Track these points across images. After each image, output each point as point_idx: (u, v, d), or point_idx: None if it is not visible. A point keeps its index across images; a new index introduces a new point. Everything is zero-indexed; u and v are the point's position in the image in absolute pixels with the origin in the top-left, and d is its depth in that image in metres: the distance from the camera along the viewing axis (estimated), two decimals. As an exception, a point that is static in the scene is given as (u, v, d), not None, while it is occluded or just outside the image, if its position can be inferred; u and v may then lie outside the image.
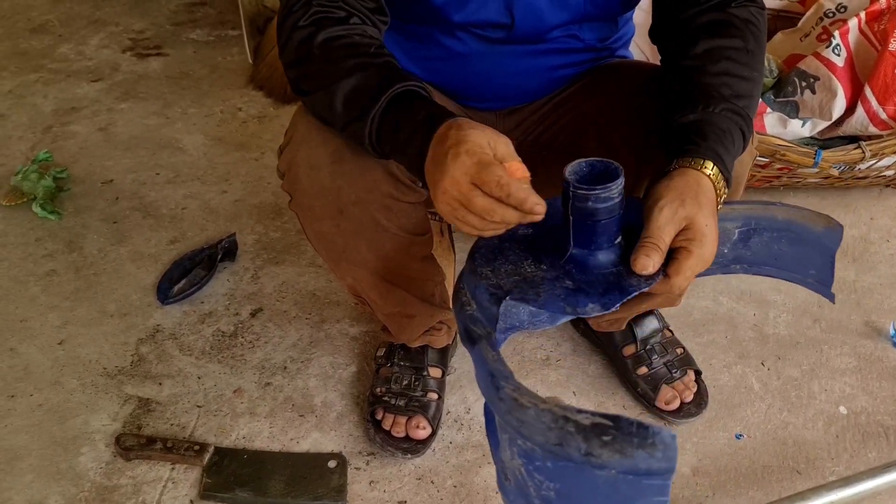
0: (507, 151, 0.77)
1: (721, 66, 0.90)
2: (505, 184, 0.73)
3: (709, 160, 0.83)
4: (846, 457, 1.23)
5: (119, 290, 1.55)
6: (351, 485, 1.18)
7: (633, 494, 0.65)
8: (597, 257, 0.80)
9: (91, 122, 2.10)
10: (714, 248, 0.81)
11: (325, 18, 0.91)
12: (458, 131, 0.78)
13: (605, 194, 0.76)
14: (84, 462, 1.21)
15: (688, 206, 0.80)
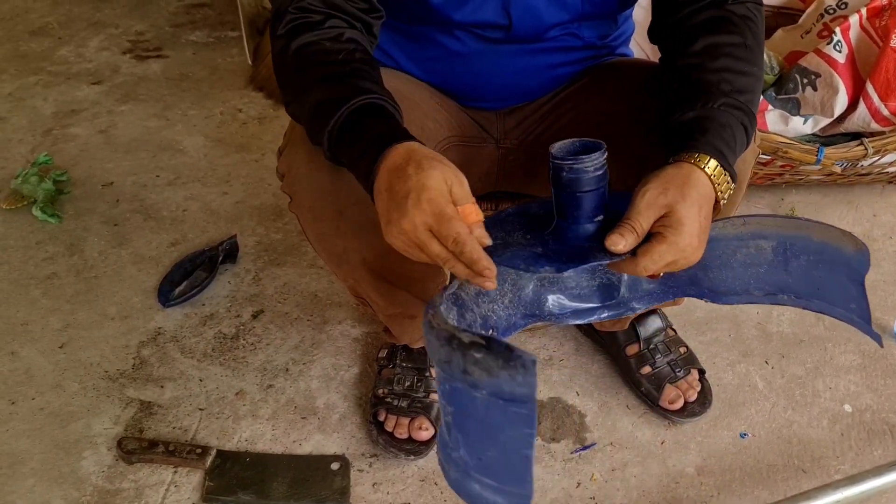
0: (462, 193, 0.77)
1: (720, 63, 0.90)
2: (461, 241, 0.75)
3: (706, 154, 0.83)
4: (851, 455, 1.22)
5: (120, 292, 1.54)
6: (354, 487, 1.18)
7: (503, 422, 0.69)
8: (576, 231, 0.83)
9: (91, 125, 2.10)
10: (694, 241, 0.80)
11: (300, 25, 0.92)
12: (417, 171, 0.76)
13: (578, 165, 0.80)
14: (86, 466, 1.21)
15: (670, 195, 0.80)
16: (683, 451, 1.23)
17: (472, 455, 0.74)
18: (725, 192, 0.84)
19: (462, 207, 0.77)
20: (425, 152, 0.79)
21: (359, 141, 0.84)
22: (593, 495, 1.16)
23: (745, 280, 0.91)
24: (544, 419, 1.28)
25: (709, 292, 0.93)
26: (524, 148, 1.17)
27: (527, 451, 0.70)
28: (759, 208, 1.78)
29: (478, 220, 0.78)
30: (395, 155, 0.79)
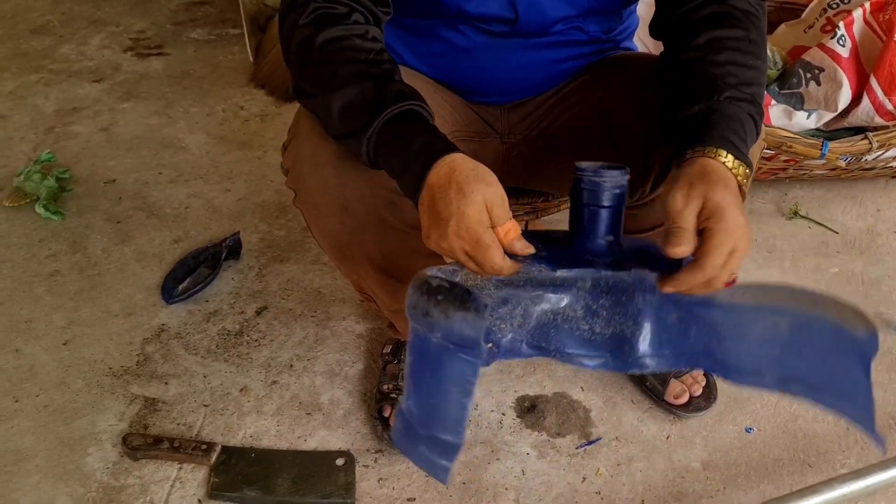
0: (502, 213, 0.80)
1: (724, 56, 0.89)
2: (498, 269, 0.79)
3: (721, 148, 0.82)
4: (857, 449, 1.22)
5: (123, 289, 1.54)
6: (359, 482, 1.18)
7: (450, 368, 0.78)
8: (584, 244, 0.85)
9: (93, 123, 2.10)
10: (740, 221, 0.78)
11: (325, 15, 0.91)
12: (458, 196, 0.79)
13: (598, 178, 0.83)
14: (91, 462, 1.21)
15: (698, 188, 0.79)
16: (689, 446, 1.22)
17: (417, 403, 0.81)
18: (745, 180, 0.83)
19: (501, 228, 0.80)
20: (467, 171, 0.80)
21: (401, 152, 0.85)
22: (599, 490, 1.16)
23: (759, 358, 0.87)
24: (549, 414, 1.28)
25: (721, 366, 0.89)
26: (528, 143, 1.16)
27: (465, 399, 0.78)
28: (762, 203, 1.78)
29: (517, 236, 0.81)
30: (439, 172, 0.81)
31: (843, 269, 1.59)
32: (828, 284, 1.55)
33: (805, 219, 1.73)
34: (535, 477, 1.18)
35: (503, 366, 1.36)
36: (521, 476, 1.18)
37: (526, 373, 1.35)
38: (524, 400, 1.30)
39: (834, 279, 1.56)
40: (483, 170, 0.81)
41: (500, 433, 1.25)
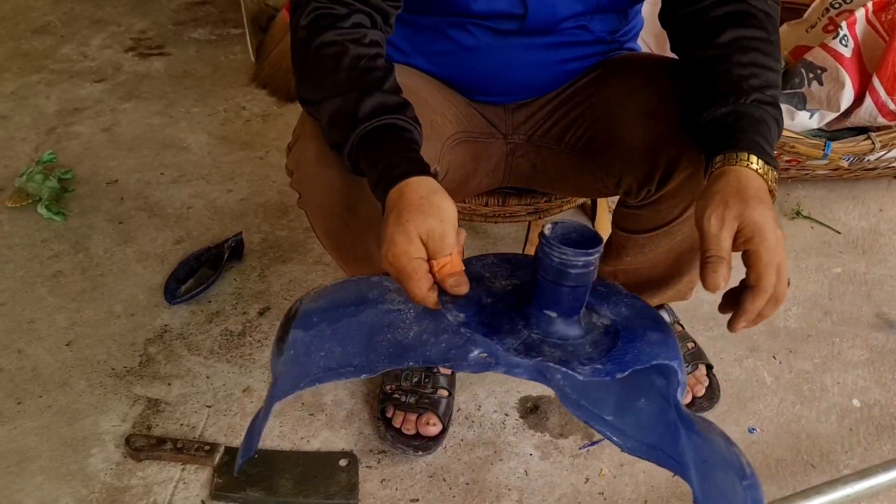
0: (439, 248, 0.78)
1: (749, 57, 0.89)
2: (420, 300, 0.79)
3: (752, 154, 0.81)
4: (860, 450, 1.22)
5: (126, 290, 1.54)
6: (362, 483, 1.18)
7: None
8: (542, 320, 0.78)
9: (95, 123, 2.09)
10: (780, 234, 0.78)
11: (323, 16, 0.91)
12: (395, 222, 0.79)
13: (566, 258, 0.74)
14: (94, 463, 1.21)
15: (734, 206, 0.77)
16: (692, 447, 1.22)
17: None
18: (774, 184, 0.83)
19: (435, 261, 0.79)
20: (412, 199, 0.79)
21: (371, 170, 0.86)
22: (602, 490, 1.16)
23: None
24: (552, 415, 1.28)
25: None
26: (532, 143, 1.16)
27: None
28: (764, 203, 1.78)
29: (451, 273, 0.79)
30: (392, 196, 0.81)
31: (845, 269, 1.59)
32: (830, 284, 1.55)
33: (808, 219, 1.73)
34: (539, 478, 1.18)
35: (506, 366, 1.36)
36: (524, 477, 1.18)
37: (529, 373, 1.35)
38: (527, 400, 1.30)
39: (836, 279, 1.56)
40: (432, 200, 0.79)
41: (503, 434, 1.25)
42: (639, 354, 0.75)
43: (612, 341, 0.77)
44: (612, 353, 0.75)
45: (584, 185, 1.17)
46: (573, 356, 0.75)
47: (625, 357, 0.75)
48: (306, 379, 0.84)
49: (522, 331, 0.77)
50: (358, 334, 0.84)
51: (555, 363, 0.74)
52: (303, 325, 0.83)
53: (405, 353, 0.84)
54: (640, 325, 0.80)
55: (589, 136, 1.09)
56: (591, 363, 0.74)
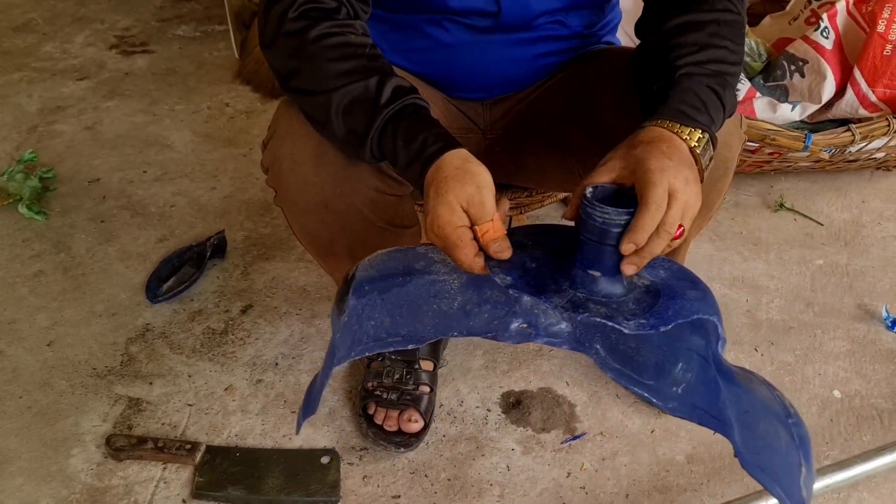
0: (481, 212, 0.79)
1: (690, 38, 0.89)
2: (467, 267, 0.80)
3: (670, 119, 0.82)
4: (841, 441, 1.22)
5: (107, 289, 1.53)
6: (344, 480, 1.17)
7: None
8: (585, 279, 0.80)
9: (77, 121, 2.08)
10: (682, 173, 0.77)
11: (314, 10, 0.90)
12: (435, 195, 0.80)
13: (606, 216, 0.76)
14: (75, 464, 1.20)
15: (637, 148, 0.79)
16: (673, 440, 1.23)
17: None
18: (699, 146, 0.82)
19: (478, 227, 0.80)
20: (448, 171, 0.81)
21: (403, 153, 0.85)
22: (583, 485, 1.16)
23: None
24: (534, 409, 1.28)
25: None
26: (511, 138, 1.16)
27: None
28: (748, 196, 1.78)
29: (495, 238, 0.80)
30: (430, 173, 0.83)
31: (827, 260, 1.59)
32: (813, 276, 1.55)
33: (790, 211, 1.74)
34: (520, 472, 1.18)
35: (488, 361, 1.36)
36: (506, 472, 1.18)
37: (511, 368, 1.35)
38: (509, 395, 1.30)
39: (819, 271, 1.57)
40: (467, 168, 0.81)
41: (485, 429, 1.25)
42: (680, 310, 0.78)
43: (653, 299, 0.79)
44: (654, 309, 0.78)
45: (562, 179, 1.17)
46: (618, 312, 0.77)
47: (667, 312, 0.77)
48: (358, 347, 0.86)
49: (568, 290, 0.80)
50: (406, 304, 0.86)
51: (601, 318, 0.76)
52: (357, 292, 0.85)
53: (449, 324, 0.86)
54: (678, 285, 0.82)
55: (566, 130, 1.09)
56: (635, 318, 0.76)
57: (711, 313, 0.79)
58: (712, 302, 0.81)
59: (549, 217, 1.71)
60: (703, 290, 0.82)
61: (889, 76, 1.65)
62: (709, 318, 0.78)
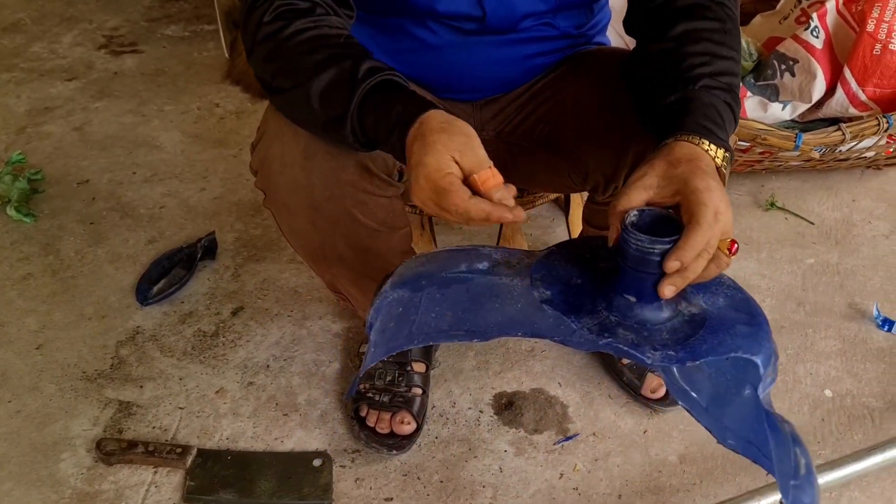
0: (475, 161, 0.77)
1: (700, 47, 0.89)
2: (463, 210, 0.75)
3: (698, 136, 0.80)
4: (832, 440, 1.22)
5: (97, 292, 1.52)
6: (337, 483, 1.17)
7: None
8: (623, 304, 0.78)
9: (65, 122, 2.07)
10: (724, 195, 0.75)
11: (289, 11, 0.89)
12: (421, 147, 0.77)
13: (645, 246, 0.74)
14: (64, 468, 1.19)
15: (678, 167, 0.76)
16: (666, 440, 1.23)
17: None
18: (724, 163, 0.81)
19: (477, 175, 0.76)
20: (433, 124, 0.79)
21: (382, 123, 0.83)
22: (576, 486, 1.16)
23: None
24: (527, 411, 1.27)
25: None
26: (501, 139, 1.16)
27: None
28: (739, 195, 1.78)
29: (496, 184, 0.76)
30: (412, 131, 0.80)
31: (818, 259, 1.60)
32: (804, 275, 1.55)
33: (782, 210, 1.74)
34: (513, 474, 1.18)
35: (480, 362, 1.36)
36: (498, 473, 1.18)
37: (503, 369, 1.35)
38: (501, 397, 1.30)
39: (810, 270, 1.57)
40: (452, 122, 0.79)
41: (477, 430, 1.24)
42: (717, 345, 0.74)
43: (693, 329, 0.76)
44: (689, 342, 0.75)
45: (553, 180, 1.17)
46: (647, 341, 0.75)
47: (701, 346, 0.74)
48: (419, 337, 0.84)
49: (602, 312, 0.78)
50: (468, 300, 0.84)
51: (626, 346, 0.74)
52: (412, 286, 0.84)
53: (513, 324, 0.83)
54: (731, 317, 0.78)
55: (556, 132, 1.09)
56: (663, 349, 0.74)
57: (755, 352, 0.74)
58: (763, 341, 0.76)
59: (541, 217, 1.71)
60: (757, 325, 0.78)
61: (879, 75, 1.65)
62: (749, 358, 0.74)
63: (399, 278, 0.86)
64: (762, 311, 0.79)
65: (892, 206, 1.75)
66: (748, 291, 0.84)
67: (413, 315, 0.83)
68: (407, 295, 0.83)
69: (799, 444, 0.77)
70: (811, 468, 0.75)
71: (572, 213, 1.52)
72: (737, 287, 0.82)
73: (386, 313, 0.85)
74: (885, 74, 1.65)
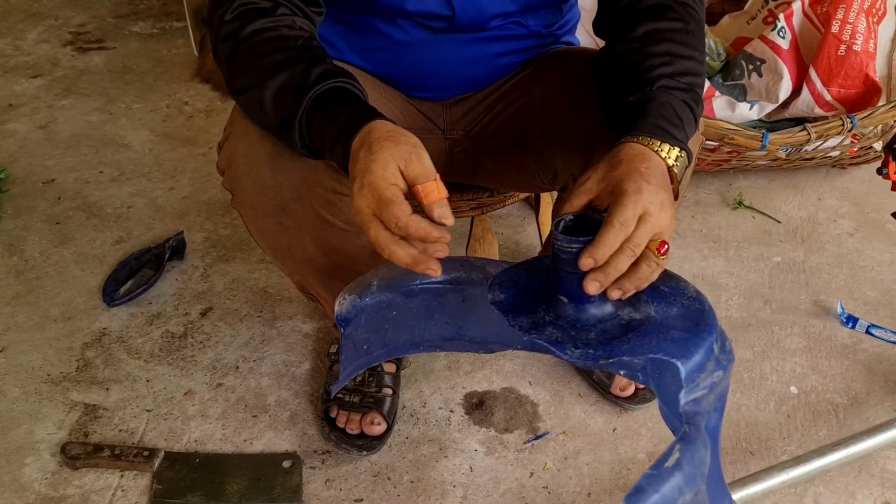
0: (419, 170, 0.75)
1: (661, 48, 0.89)
2: (402, 224, 0.73)
3: (650, 136, 0.81)
4: (797, 436, 1.24)
5: (63, 293, 1.50)
6: (307, 484, 1.16)
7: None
8: (559, 307, 0.79)
9: (30, 120, 2.03)
10: (658, 197, 0.75)
11: (250, 10, 0.89)
12: (366, 154, 0.76)
13: (566, 246, 0.75)
14: (29, 473, 1.17)
15: (617, 168, 0.77)
16: (635, 438, 1.24)
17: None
18: (676, 163, 0.81)
19: (421, 187, 0.75)
20: (380, 133, 0.78)
21: (329, 131, 0.82)
22: (546, 484, 1.17)
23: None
24: (497, 410, 1.28)
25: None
26: (471, 138, 1.16)
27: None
28: (707, 194, 1.80)
29: (439, 199, 0.75)
30: (357, 139, 0.79)
31: (785, 257, 1.62)
32: (770, 273, 1.58)
33: (749, 209, 1.76)
34: (483, 473, 1.18)
35: (451, 362, 1.36)
36: (469, 473, 1.18)
37: (474, 369, 1.35)
38: (472, 396, 1.30)
39: (776, 268, 1.59)
40: (400, 131, 0.78)
41: (448, 430, 1.24)
42: (638, 347, 0.74)
43: (623, 332, 0.77)
44: (612, 342, 0.75)
45: (522, 180, 1.17)
46: (572, 339, 0.76)
47: (621, 346, 0.74)
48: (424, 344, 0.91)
49: (540, 312, 0.79)
50: (465, 310, 0.87)
51: (546, 342, 0.75)
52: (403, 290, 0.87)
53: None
54: (674, 325, 0.77)
55: (525, 131, 1.09)
56: (584, 347, 0.75)
57: (677, 356, 0.73)
58: (693, 348, 0.74)
59: (512, 216, 1.72)
60: (695, 334, 0.76)
61: (843, 76, 1.68)
62: (669, 360, 0.73)
63: (386, 280, 0.86)
64: (714, 324, 0.78)
65: (857, 204, 1.78)
66: (716, 289, 0.83)
67: (411, 321, 0.86)
68: (400, 300, 0.85)
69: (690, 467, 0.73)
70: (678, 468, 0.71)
71: (543, 213, 1.53)
72: (698, 299, 0.81)
73: (376, 314, 0.86)
74: (849, 75, 1.68)
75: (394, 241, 0.75)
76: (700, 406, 0.75)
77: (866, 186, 1.84)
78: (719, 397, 0.79)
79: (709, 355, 0.76)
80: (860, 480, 1.16)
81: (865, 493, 1.15)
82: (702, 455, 0.73)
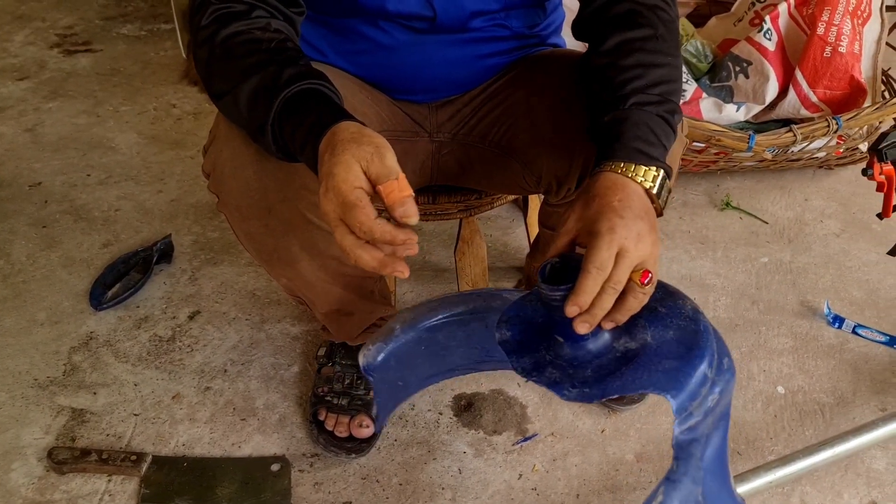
0: (382, 170, 0.74)
1: (632, 59, 0.89)
2: (367, 229, 0.72)
3: (626, 161, 0.81)
4: (784, 436, 1.25)
5: (50, 297, 1.49)
6: (295, 487, 1.16)
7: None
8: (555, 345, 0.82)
9: (17, 123, 2.02)
10: (634, 229, 0.76)
11: (225, 14, 0.89)
12: (330, 157, 0.75)
13: (549, 293, 0.77)
14: (15, 478, 1.17)
15: (591, 206, 0.78)
16: (623, 439, 1.24)
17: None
18: (654, 185, 0.82)
19: (383, 186, 0.73)
20: (344, 135, 0.77)
21: (298, 133, 0.82)
22: (535, 486, 1.17)
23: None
24: (486, 412, 1.28)
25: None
26: (458, 141, 1.16)
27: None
28: (695, 196, 1.81)
29: (401, 197, 0.72)
30: (323, 141, 0.78)
31: (772, 258, 1.63)
32: (758, 274, 1.58)
33: (736, 210, 1.77)
34: (472, 475, 1.18)
35: (440, 364, 1.36)
36: (457, 475, 1.18)
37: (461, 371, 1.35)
38: (461, 398, 1.30)
39: (763, 268, 1.60)
40: (363, 132, 0.77)
41: (436, 433, 1.25)
42: (633, 381, 0.76)
43: (618, 366, 0.78)
44: (609, 378, 0.77)
45: (508, 182, 1.17)
46: (570, 378, 0.78)
47: (615, 383, 0.76)
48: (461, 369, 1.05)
49: (542, 351, 0.81)
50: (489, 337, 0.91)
51: (546, 384, 0.78)
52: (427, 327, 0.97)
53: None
54: (667, 352, 0.78)
55: (511, 133, 1.09)
56: (581, 387, 0.77)
57: (668, 389, 0.74)
58: (683, 378, 0.76)
59: (501, 218, 1.72)
60: (687, 361, 0.77)
61: (829, 77, 1.69)
62: (662, 394, 0.75)
63: (409, 322, 0.94)
64: (707, 347, 0.79)
65: (843, 205, 1.80)
66: (704, 290, 0.84)
67: (442, 351, 0.94)
68: (426, 335, 0.93)
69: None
70: None
71: (531, 215, 1.53)
72: (695, 318, 0.81)
73: (405, 353, 0.92)
74: (834, 76, 1.69)
75: (359, 246, 0.74)
76: (696, 432, 0.77)
77: (852, 187, 1.85)
78: (720, 416, 0.81)
79: (702, 382, 0.77)
80: (847, 480, 1.17)
81: (852, 493, 1.15)
82: (689, 491, 0.75)
